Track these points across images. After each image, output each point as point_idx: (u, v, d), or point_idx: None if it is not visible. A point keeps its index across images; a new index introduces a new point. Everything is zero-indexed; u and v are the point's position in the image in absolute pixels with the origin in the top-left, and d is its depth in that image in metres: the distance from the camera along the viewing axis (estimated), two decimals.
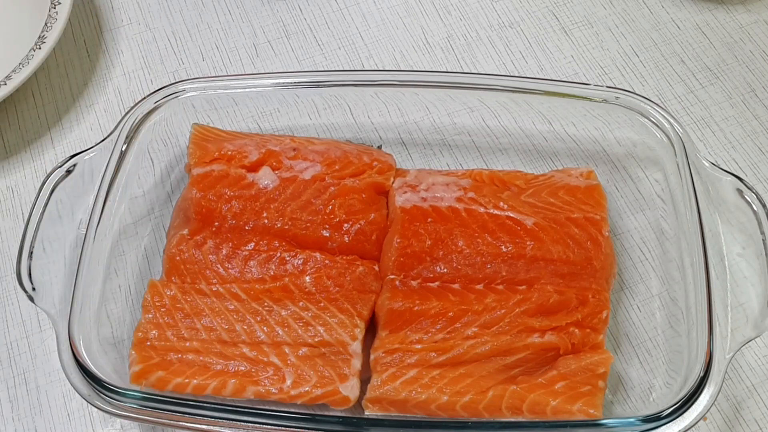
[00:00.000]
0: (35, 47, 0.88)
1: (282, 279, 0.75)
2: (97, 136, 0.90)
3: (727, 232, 0.74)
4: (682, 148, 0.77)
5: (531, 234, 0.75)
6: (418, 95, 0.86)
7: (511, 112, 0.88)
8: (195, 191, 0.78)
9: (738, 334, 0.68)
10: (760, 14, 0.97)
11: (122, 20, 1.00)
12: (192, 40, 0.98)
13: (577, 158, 0.87)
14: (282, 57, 0.97)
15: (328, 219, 0.77)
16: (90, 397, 0.67)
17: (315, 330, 0.72)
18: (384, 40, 0.97)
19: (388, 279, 0.74)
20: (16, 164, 0.90)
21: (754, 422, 0.74)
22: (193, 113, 0.84)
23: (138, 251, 0.82)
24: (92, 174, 0.77)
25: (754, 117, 0.90)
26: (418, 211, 0.77)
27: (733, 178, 0.75)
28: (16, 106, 0.93)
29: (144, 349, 0.72)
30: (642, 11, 0.98)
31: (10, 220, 0.86)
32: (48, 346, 0.79)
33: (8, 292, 0.82)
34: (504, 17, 0.99)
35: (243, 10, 1.00)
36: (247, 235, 0.77)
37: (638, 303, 0.79)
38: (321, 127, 0.90)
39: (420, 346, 0.71)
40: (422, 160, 0.88)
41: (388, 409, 0.70)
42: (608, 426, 0.64)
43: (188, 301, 0.74)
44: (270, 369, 0.71)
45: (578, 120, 0.87)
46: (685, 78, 0.93)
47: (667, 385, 0.73)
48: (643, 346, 0.77)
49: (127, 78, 0.95)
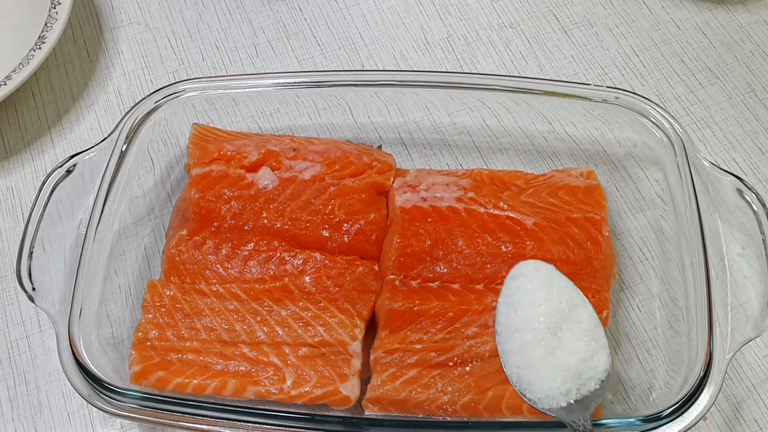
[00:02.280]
0: (35, 47, 0.88)
1: (282, 279, 0.75)
2: (97, 136, 0.90)
3: (727, 232, 0.74)
4: (682, 148, 0.77)
5: (531, 234, 0.75)
6: (418, 95, 0.86)
7: (511, 112, 0.88)
8: (194, 192, 0.78)
9: (738, 334, 0.68)
10: (760, 14, 0.97)
11: (122, 20, 1.00)
12: (192, 40, 0.98)
13: (577, 158, 0.87)
14: (282, 57, 0.97)
15: (328, 219, 0.77)
16: (90, 397, 0.67)
17: (315, 330, 0.72)
18: (384, 40, 0.97)
19: (388, 279, 0.74)
20: (16, 164, 0.90)
21: (754, 422, 0.74)
22: (193, 113, 0.84)
23: (138, 251, 0.82)
24: (92, 174, 0.77)
25: (754, 117, 0.90)
26: (418, 211, 0.77)
27: (733, 178, 0.75)
28: (16, 106, 0.93)
29: (144, 349, 0.72)
30: (642, 11, 0.98)
31: (10, 220, 0.86)
32: (48, 346, 0.79)
33: (8, 292, 0.82)
34: (504, 17, 0.99)
35: (243, 10, 1.00)
36: (247, 235, 0.77)
37: (638, 303, 0.79)
38: (321, 127, 0.90)
39: (420, 346, 0.71)
40: (422, 160, 0.88)
41: (388, 409, 0.70)
42: (608, 426, 0.64)
43: (188, 301, 0.74)
44: (270, 369, 0.71)
45: (578, 120, 0.87)
46: (685, 78, 0.93)
47: (667, 385, 0.73)
48: (643, 346, 0.77)
49: (127, 78, 0.95)
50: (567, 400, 0.62)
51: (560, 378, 0.62)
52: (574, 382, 0.62)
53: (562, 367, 0.62)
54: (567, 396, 0.62)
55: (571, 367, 0.62)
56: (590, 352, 0.63)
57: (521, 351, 0.64)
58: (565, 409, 0.62)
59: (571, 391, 0.62)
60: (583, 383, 0.63)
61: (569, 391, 0.62)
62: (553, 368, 0.62)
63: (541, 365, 0.63)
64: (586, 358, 0.63)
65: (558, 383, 0.62)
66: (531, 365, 0.63)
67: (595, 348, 0.63)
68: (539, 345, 0.63)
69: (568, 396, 0.62)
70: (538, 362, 0.63)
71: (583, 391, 0.63)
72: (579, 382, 0.63)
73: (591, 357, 0.63)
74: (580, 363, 0.62)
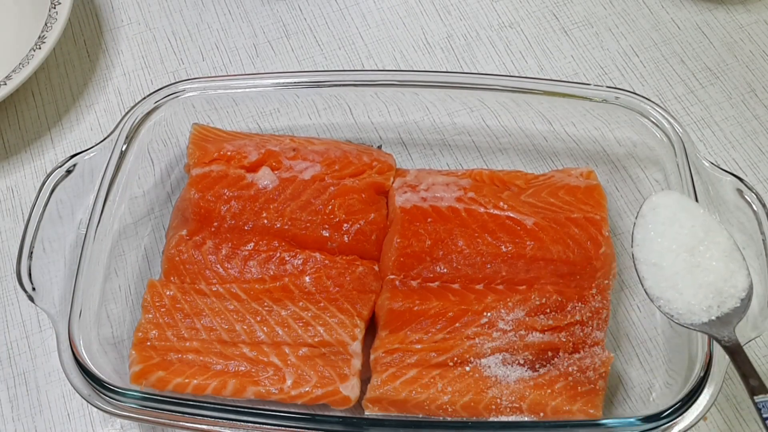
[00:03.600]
0: (35, 47, 0.88)
1: (282, 279, 0.75)
2: (97, 136, 0.90)
3: None
4: (682, 148, 0.77)
5: (531, 234, 0.75)
6: (418, 95, 0.86)
7: (511, 112, 0.88)
8: (193, 192, 0.78)
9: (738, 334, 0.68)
10: (760, 14, 0.97)
11: (122, 20, 1.00)
12: (192, 40, 0.98)
13: (577, 158, 0.87)
14: (282, 57, 0.97)
15: (328, 219, 0.77)
16: (90, 397, 0.67)
17: (315, 330, 0.72)
18: (384, 40, 0.97)
19: (388, 279, 0.74)
20: (16, 164, 0.90)
21: (754, 422, 0.74)
22: (193, 113, 0.84)
23: (138, 251, 0.82)
24: (92, 174, 0.77)
25: (754, 117, 0.90)
26: (418, 211, 0.77)
27: (733, 178, 0.75)
28: (16, 106, 0.93)
29: (144, 349, 0.72)
30: (642, 11, 0.98)
31: (10, 220, 0.86)
32: (48, 346, 0.79)
33: (8, 292, 0.82)
34: (504, 17, 0.99)
35: (243, 10, 1.00)
36: (247, 235, 0.77)
37: (638, 303, 0.79)
38: (321, 127, 0.90)
39: (420, 346, 0.71)
40: (422, 160, 0.88)
41: (388, 409, 0.70)
42: (608, 426, 0.64)
43: (188, 301, 0.74)
44: (270, 369, 0.71)
45: (578, 120, 0.87)
46: (685, 78, 0.93)
47: (667, 385, 0.73)
48: (643, 346, 0.76)
49: (127, 78, 0.95)
50: (709, 317, 0.64)
51: (701, 295, 0.64)
52: (715, 299, 0.64)
53: (702, 284, 0.64)
54: (708, 312, 0.64)
55: (710, 284, 0.64)
56: (729, 272, 0.64)
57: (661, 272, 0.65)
58: (707, 325, 0.64)
59: (713, 307, 0.64)
60: (724, 300, 0.64)
61: (710, 307, 0.64)
62: (693, 286, 0.64)
63: (682, 283, 0.64)
64: (726, 278, 0.64)
65: (699, 299, 0.64)
66: (671, 284, 0.65)
67: (733, 269, 0.65)
68: (679, 265, 0.65)
69: (710, 312, 0.64)
70: (678, 280, 0.65)
71: (724, 308, 0.64)
72: (719, 299, 0.64)
73: (730, 276, 0.64)
74: (719, 281, 0.64)
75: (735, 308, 0.64)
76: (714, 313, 0.64)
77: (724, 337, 0.63)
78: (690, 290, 0.64)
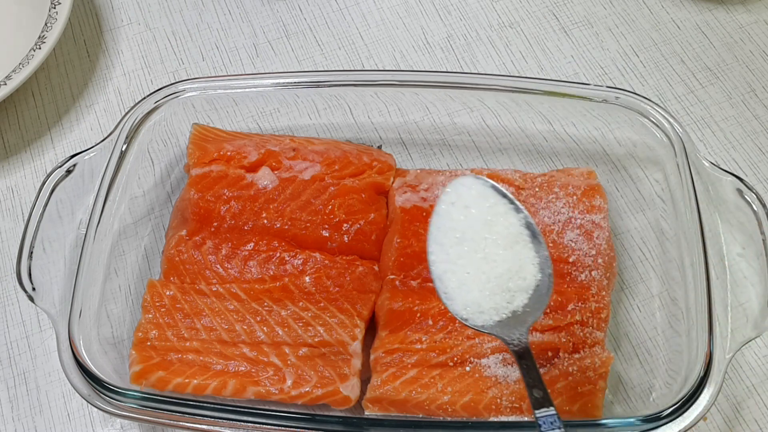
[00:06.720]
0: (35, 47, 0.88)
1: (282, 279, 0.75)
2: (97, 136, 0.90)
3: (727, 232, 0.74)
4: (682, 148, 0.77)
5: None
6: (418, 95, 0.86)
7: (511, 112, 0.88)
8: (193, 192, 0.78)
9: (738, 334, 0.68)
10: (760, 14, 0.97)
11: (122, 20, 1.00)
12: (192, 40, 0.98)
13: (577, 158, 0.87)
14: (282, 57, 0.97)
15: (328, 219, 0.77)
16: (90, 397, 0.67)
17: (315, 330, 0.72)
18: (384, 40, 0.97)
19: (388, 279, 0.74)
20: (16, 164, 0.90)
21: (754, 422, 0.74)
22: (193, 113, 0.84)
23: (138, 251, 0.82)
24: (92, 174, 0.77)
25: (754, 117, 0.90)
26: (418, 211, 0.77)
27: (733, 178, 0.75)
28: (16, 106, 0.93)
29: (144, 349, 0.72)
30: (642, 11, 0.98)
31: (10, 220, 0.86)
32: (48, 346, 0.79)
33: (8, 292, 0.82)
34: (504, 17, 0.99)
35: (243, 10, 1.00)
36: (247, 235, 0.77)
37: (638, 303, 0.79)
38: (321, 127, 0.90)
39: (420, 346, 0.71)
40: (422, 160, 0.88)
41: (388, 409, 0.70)
42: (608, 426, 0.64)
43: (188, 301, 0.74)
44: (270, 369, 0.71)
45: (578, 120, 0.87)
46: (685, 78, 0.93)
47: (667, 385, 0.73)
48: (643, 346, 0.77)
49: (127, 78, 0.95)
50: (499, 317, 0.59)
51: (487, 291, 0.59)
52: (503, 296, 0.59)
53: (489, 279, 0.59)
54: (498, 311, 0.59)
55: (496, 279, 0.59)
56: (517, 263, 0.59)
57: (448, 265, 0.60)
58: (500, 325, 0.59)
59: (500, 305, 0.59)
60: (513, 296, 0.59)
61: (498, 305, 0.59)
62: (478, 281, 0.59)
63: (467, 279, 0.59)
64: (512, 269, 0.59)
65: (485, 296, 0.59)
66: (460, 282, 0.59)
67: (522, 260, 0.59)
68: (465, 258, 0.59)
69: (499, 311, 0.59)
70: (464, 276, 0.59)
71: (513, 305, 0.59)
72: (508, 295, 0.59)
73: (518, 268, 0.59)
74: (506, 274, 0.59)
75: (526, 305, 0.59)
76: (503, 312, 0.59)
77: (513, 340, 0.58)
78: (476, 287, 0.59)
